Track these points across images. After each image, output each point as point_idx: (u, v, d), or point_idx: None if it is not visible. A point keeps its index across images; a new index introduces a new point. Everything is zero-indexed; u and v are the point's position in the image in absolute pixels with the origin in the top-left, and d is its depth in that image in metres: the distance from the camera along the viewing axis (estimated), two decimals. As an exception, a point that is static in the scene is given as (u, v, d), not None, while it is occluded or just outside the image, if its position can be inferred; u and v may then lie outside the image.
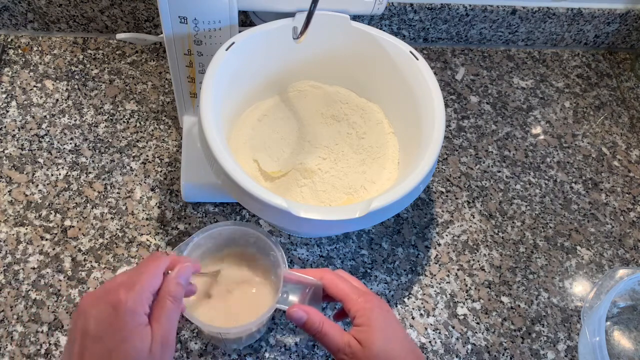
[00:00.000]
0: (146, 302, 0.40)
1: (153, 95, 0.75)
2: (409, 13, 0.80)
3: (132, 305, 0.39)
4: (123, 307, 0.38)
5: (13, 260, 0.60)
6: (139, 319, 0.39)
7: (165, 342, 0.40)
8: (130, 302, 0.39)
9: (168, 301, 0.41)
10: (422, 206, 0.70)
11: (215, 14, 0.54)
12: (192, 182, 0.64)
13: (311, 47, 0.62)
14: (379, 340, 0.45)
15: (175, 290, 0.42)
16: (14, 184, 0.65)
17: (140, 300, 0.39)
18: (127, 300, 0.39)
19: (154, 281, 0.41)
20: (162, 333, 0.40)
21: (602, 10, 0.84)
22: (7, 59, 0.75)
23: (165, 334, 0.40)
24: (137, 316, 0.39)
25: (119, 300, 0.39)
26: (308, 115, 0.65)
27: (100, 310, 0.39)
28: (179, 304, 0.42)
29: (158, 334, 0.40)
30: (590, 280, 0.68)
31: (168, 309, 0.41)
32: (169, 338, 0.40)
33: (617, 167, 0.78)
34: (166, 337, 0.40)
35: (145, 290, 0.40)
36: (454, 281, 0.65)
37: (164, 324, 0.40)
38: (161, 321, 0.40)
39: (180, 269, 0.43)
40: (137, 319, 0.39)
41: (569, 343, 0.63)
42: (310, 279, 0.49)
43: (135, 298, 0.39)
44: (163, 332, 0.40)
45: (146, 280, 0.41)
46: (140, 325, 0.39)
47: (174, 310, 0.41)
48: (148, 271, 0.41)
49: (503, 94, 0.83)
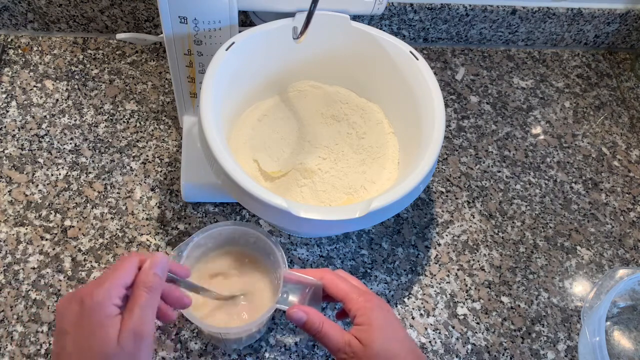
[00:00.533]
0: (115, 295, 0.40)
1: (153, 95, 0.75)
2: (409, 13, 0.80)
3: (98, 298, 0.39)
4: (88, 301, 0.39)
5: (13, 260, 0.60)
6: (106, 311, 0.39)
7: (138, 332, 0.39)
8: (96, 295, 0.39)
9: (141, 291, 0.41)
10: (422, 206, 0.70)
11: (215, 14, 0.54)
12: (192, 182, 0.64)
13: (311, 47, 0.62)
14: (380, 339, 0.45)
15: (149, 281, 0.41)
16: (14, 184, 0.65)
17: (107, 293, 0.39)
18: (92, 294, 0.39)
19: (125, 275, 0.41)
20: (133, 323, 0.39)
21: (602, 10, 0.84)
22: (7, 59, 0.75)
23: (138, 323, 0.39)
24: (103, 308, 0.39)
25: (85, 295, 0.39)
26: (308, 115, 0.65)
27: (70, 307, 0.39)
28: (155, 294, 0.41)
29: (128, 323, 0.39)
30: (590, 280, 0.68)
31: (140, 298, 0.40)
32: (143, 329, 0.39)
33: (617, 167, 0.78)
34: (139, 327, 0.39)
35: (114, 283, 0.40)
36: (454, 281, 0.65)
37: (135, 314, 0.39)
38: (133, 311, 0.39)
39: (154, 260, 0.43)
40: (103, 311, 0.39)
41: (569, 343, 0.63)
42: (310, 279, 0.49)
43: (102, 291, 0.39)
44: (135, 322, 0.39)
45: (113, 274, 0.41)
46: (107, 317, 0.39)
47: (148, 299, 0.40)
48: (119, 267, 0.41)
49: (503, 94, 0.83)
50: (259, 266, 0.54)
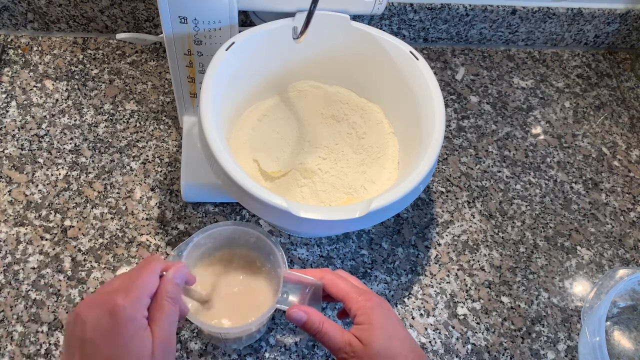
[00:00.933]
0: (144, 306, 0.39)
1: (153, 95, 0.75)
2: (409, 13, 0.80)
3: (130, 310, 0.38)
4: (121, 312, 0.38)
5: (13, 260, 0.60)
6: (138, 324, 0.38)
7: (166, 345, 0.39)
8: (129, 307, 0.38)
9: (166, 302, 0.40)
10: (422, 206, 0.70)
11: (215, 14, 0.54)
12: (192, 182, 0.64)
13: (311, 47, 0.62)
14: (380, 338, 0.45)
15: (172, 291, 0.41)
16: (14, 184, 0.65)
17: (138, 305, 0.39)
18: (124, 305, 0.38)
19: (151, 284, 0.40)
20: (163, 336, 0.39)
21: (602, 10, 0.84)
22: (7, 59, 0.75)
23: (166, 336, 0.39)
24: (136, 321, 0.38)
25: (117, 306, 0.38)
26: (308, 115, 0.65)
27: (98, 316, 0.38)
28: (177, 304, 0.41)
29: (159, 337, 0.39)
30: (590, 280, 0.68)
31: (167, 311, 0.40)
32: (170, 340, 0.40)
33: (617, 167, 0.78)
34: (167, 340, 0.39)
35: (143, 294, 0.39)
36: (454, 281, 0.65)
37: (164, 327, 0.39)
38: (161, 324, 0.39)
39: (176, 269, 0.43)
40: (136, 324, 0.38)
41: (569, 343, 0.63)
42: (310, 279, 0.49)
43: (133, 303, 0.38)
44: (164, 335, 0.39)
45: (143, 283, 0.40)
46: (140, 330, 0.38)
47: (173, 311, 0.41)
48: (144, 274, 0.41)
49: (503, 94, 0.83)
50: (259, 266, 0.54)
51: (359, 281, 0.51)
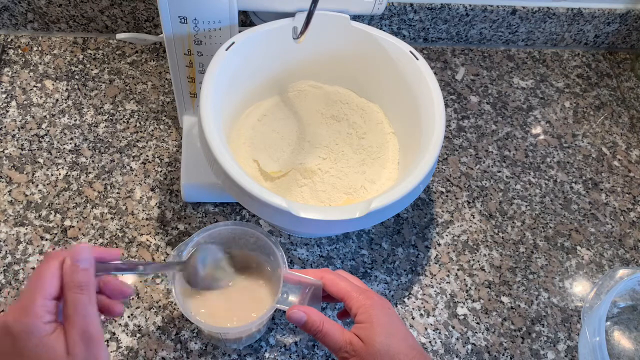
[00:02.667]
0: (43, 312, 0.36)
1: (153, 95, 0.75)
2: (409, 13, 0.80)
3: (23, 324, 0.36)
4: (14, 330, 0.36)
5: (13, 260, 0.60)
6: (38, 333, 0.36)
7: (86, 336, 0.36)
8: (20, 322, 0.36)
9: (73, 293, 0.37)
10: (422, 206, 0.70)
11: (215, 14, 0.54)
12: (192, 182, 0.64)
13: (311, 47, 0.62)
14: (381, 336, 0.45)
15: (77, 279, 0.38)
16: (14, 184, 0.65)
17: (33, 317, 0.36)
18: (14, 321, 0.36)
19: (47, 285, 0.37)
20: (78, 329, 0.36)
21: (602, 10, 0.84)
22: (7, 59, 0.75)
23: (83, 328, 0.37)
24: (37, 330, 0.36)
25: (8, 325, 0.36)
26: (308, 115, 0.65)
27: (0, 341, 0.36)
28: (88, 290, 0.38)
29: (72, 331, 0.36)
30: (590, 280, 0.68)
31: (76, 301, 0.37)
32: (89, 330, 0.37)
33: (617, 167, 0.78)
34: (86, 331, 0.37)
35: (37, 301, 0.36)
36: (454, 281, 0.65)
37: (76, 320, 0.37)
38: (72, 318, 0.37)
39: (74, 254, 0.39)
40: (36, 334, 0.36)
41: (569, 343, 0.63)
42: (310, 279, 0.49)
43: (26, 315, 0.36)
44: (79, 328, 0.37)
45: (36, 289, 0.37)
46: (43, 338, 0.36)
47: (83, 299, 0.37)
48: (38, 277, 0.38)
49: (503, 94, 0.83)
50: (259, 266, 0.54)
51: (359, 281, 0.51)
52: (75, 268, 0.38)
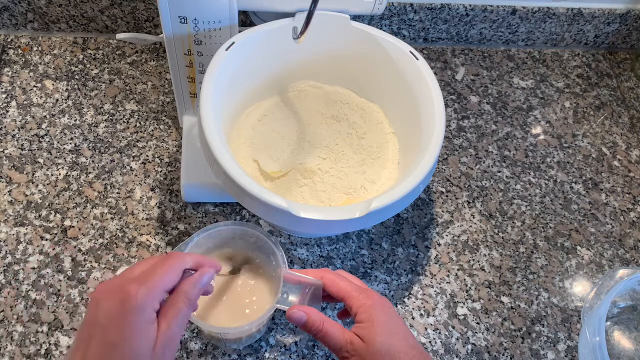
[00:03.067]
0: (157, 299, 0.39)
1: (153, 95, 0.75)
2: (409, 13, 0.80)
3: (140, 301, 0.38)
4: (131, 302, 0.38)
5: (13, 260, 0.60)
6: (146, 316, 0.38)
7: (170, 343, 0.39)
8: (140, 297, 0.38)
9: (182, 302, 0.40)
10: (422, 206, 0.70)
11: (215, 14, 0.54)
12: (192, 182, 0.64)
13: (311, 47, 0.62)
14: (381, 335, 0.45)
15: (192, 293, 0.41)
16: (14, 184, 0.65)
17: (150, 297, 0.38)
18: (136, 295, 0.38)
19: (169, 278, 0.40)
20: (168, 333, 0.39)
21: (602, 10, 0.84)
22: (7, 59, 0.75)
23: (172, 334, 0.39)
24: (144, 313, 0.38)
25: (129, 295, 0.38)
26: (308, 115, 0.65)
27: (110, 302, 0.38)
28: (192, 307, 0.41)
29: (164, 333, 0.39)
30: (590, 280, 0.68)
31: (180, 310, 0.40)
32: (175, 339, 0.39)
33: (617, 167, 0.78)
34: (172, 338, 0.39)
35: (157, 287, 0.39)
36: (454, 281, 0.65)
37: (172, 325, 0.39)
38: (170, 321, 0.39)
39: (203, 273, 0.42)
40: (143, 316, 0.38)
41: (569, 343, 0.63)
42: (310, 279, 0.49)
43: (145, 294, 0.38)
44: (170, 333, 0.39)
45: (160, 276, 0.40)
46: (146, 323, 0.38)
47: (185, 312, 0.40)
48: (164, 267, 0.40)
49: (503, 94, 0.83)
50: (259, 266, 0.54)
51: (359, 280, 0.51)
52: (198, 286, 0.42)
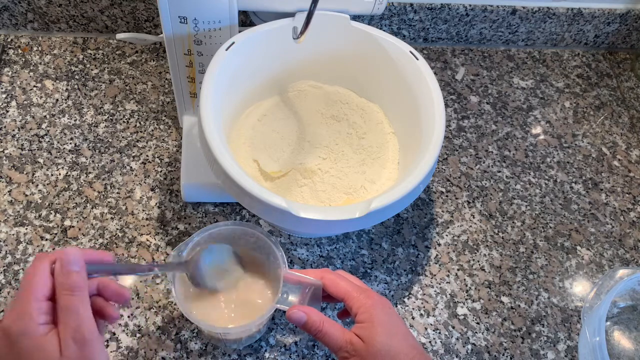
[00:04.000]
0: (37, 313, 0.37)
1: (153, 95, 0.75)
2: (409, 13, 0.80)
3: (17, 327, 0.36)
4: (10, 331, 0.36)
5: (13, 260, 0.60)
6: (35, 333, 0.36)
7: (79, 337, 0.37)
8: (14, 324, 0.36)
9: (65, 295, 0.38)
10: (422, 206, 0.70)
11: (215, 14, 0.54)
12: (192, 182, 0.64)
13: (311, 47, 0.62)
14: (381, 336, 0.45)
15: (68, 281, 0.38)
16: (14, 184, 0.65)
17: (27, 318, 0.37)
18: (10, 323, 0.36)
19: (39, 287, 0.38)
20: (70, 331, 0.37)
21: (602, 10, 0.84)
22: (7, 59, 0.75)
23: (76, 329, 0.37)
24: (31, 331, 0.36)
25: (8, 327, 0.37)
26: (308, 115, 0.65)
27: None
28: (80, 292, 0.38)
29: (64, 333, 0.37)
30: (590, 280, 0.68)
31: (68, 303, 0.38)
32: (83, 332, 0.37)
33: (617, 167, 0.78)
34: (78, 332, 0.37)
35: (31, 302, 0.37)
36: (454, 281, 0.65)
37: (69, 321, 0.37)
38: (64, 319, 0.37)
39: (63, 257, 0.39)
40: (33, 335, 0.36)
41: (569, 343, 0.63)
42: (310, 279, 0.49)
43: (19, 317, 0.37)
44: (71, 329, 0.37)
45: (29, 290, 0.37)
46: (40, 338, 0.36)
47: (75, 301, 0.38)
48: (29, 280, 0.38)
49: (503, 94, 0.83)
50: (259, 266, 0.54)
51: (359, 280, 0.51)
52: (66, 270, 0.39)
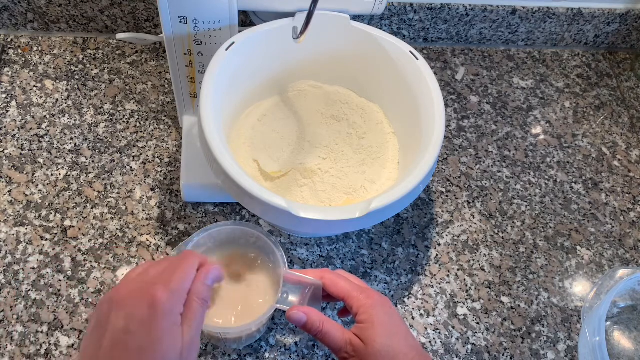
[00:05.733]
0: (182, 301, 0.39)
1: (153, 95, 0.75)
2: (409, 13, 0.80)
3: (169, 305, 0.38)
4: (160, 306, 0.38)
5: (13, 260, 0.60)
6: (174, 319, 0.38)
7: (192, 344, 0.39)
8: (167, 301, 0.38)
9: (196, 303, 0.40)
10: (422, 206, 0.70)
11: (215, 14, 0.54)
12: (192, 182, 0.64)
13: (311, 47, 0.62)
14: (381, 336, 0.45)
15: (203, 292, 0.41)
16: (14, 184, 0.65)
17: (176, 300, 0.39)
18: (164, 299, 0.38)
19: (189, 279, 0.41)
20: (190, 335, 0.39)
21: (602, 10, 0.84)
22: (7, 59, 0.75)
23: (193, 336, 0.39)
24: (172, 316, 0.38)
25: (156, 299, 0.38)
26: (308, 115, 0.65)
27: (136, 305, 0.38)
28: (206, 305, 0.41)
29: (188, 336, 0.39)
30: (590, 280, 0.68)
31: (197, 311, 0.40)
32: (196, 341, 0.40)
33: (617, 167, 0.78)
34: (194, 339, 0.39)
35: (181, 289, 0.40)
36: (454, 281, 0.65)
37: (192, 326, 0.39)
38: (190, 323, 0.39)
39: (208, 270, 0.43)
40: (172, 319, 0.38)
41: (569, 343, 0.63)
42: (310, 279, 0.49)
43: (172, 298, 0.38)
44: (191, 335, 0.39)
45: (182, 278, 0.40)
46: (174, 326, 0.38)
47: (201, 312, 0.41)
48: (184, 268, 0.41)
49: (503, 94, 0.83)
50: (259, 266, 0.54)
51: (359, 280, 0.51)
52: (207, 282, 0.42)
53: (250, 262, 0.54)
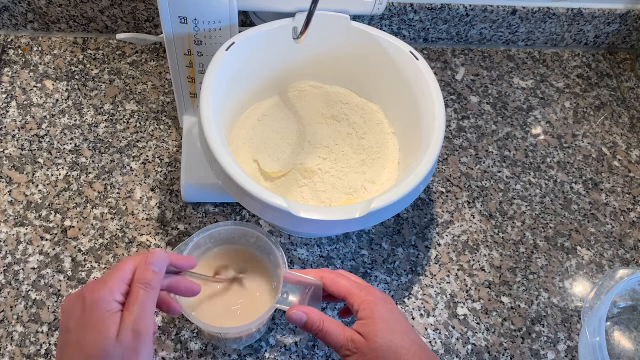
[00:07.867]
0: (117, 290, 0.40)
1: (153, 95, 0.75)
2: (409, 13, 0.80)
3: (97, 294, 0.39)
4: (89, 297, 0.40)
5: (13, 260, 0.60)
6: (107, 306, 0.39)
7: (137, 329, 0.39)
8: (96, 292, 0.40)
9: (138, 288, 0.41)
10: (422, 206, 0.70)
11: (215, 14, 0.54)
12: (192, 182, 0.64)
13: (311, 47, 0.62)
14: (383, 332, 0.45)
15: (147, 277, 0.42)
16: (14, 184, 0.65)
17: (108, 289, 0.40)
18: (93, 290, 0.40)
19: (126, 272, 0.42)
20: (132, 320, 0.39)
21: (602, 10, 0.84)
22: (7, 59, 0.75)
23: (136, 320, 0.39)
24: (104, 303, 0.39)
25: (87, 292, 0.40)
26: (308, 115, 0.65)
27: (72, 304, 0.40)
28: (152, 290, 0.41)
29: (127, 320, 0.39)
30: (590, 280, 0.68)
31: (138, 296, 0.41)
32: (141, 325, 0.40)
33: (617, 167, 0.78)
34: (138, 324, 0.39)
35: (115, 279, 0.41)
36: (454, 281, 0.65)
37: (134, 311, 0.40)
38: (131, 308, 0.40)
39: (150, 257, 0.43)
40: (102, 307, 0.39)
41: (569, 343, 0.63)
42: (310, 278, 0.49)
43: (102, 288, 0.40)
44: (133, 319, 0.39)
45: (116, 271, 0.41)
46: (107, 313, 0.39)
47: (146, 297, 0.41)
48: (120, 265, 0.42)
49: (503, 94, 0.83)
50: (259, 266, 0.54)
51: (360, 278, 0.51)
52: (147, 267, 0.42)
53: (250, 262, 0.54)
